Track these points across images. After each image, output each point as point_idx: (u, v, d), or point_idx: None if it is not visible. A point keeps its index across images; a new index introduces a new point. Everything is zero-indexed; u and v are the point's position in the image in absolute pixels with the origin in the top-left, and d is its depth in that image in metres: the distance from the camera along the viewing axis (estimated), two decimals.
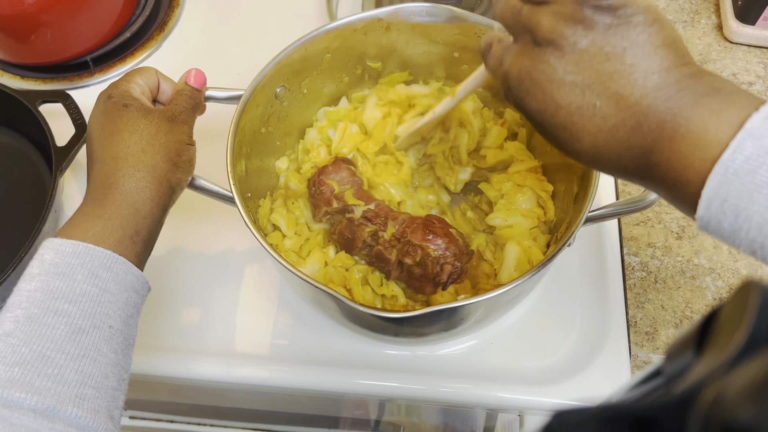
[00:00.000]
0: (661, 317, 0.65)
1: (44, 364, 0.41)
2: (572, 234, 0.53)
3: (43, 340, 0.42)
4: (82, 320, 0.43)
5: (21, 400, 0.39)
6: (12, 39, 0.82)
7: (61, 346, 0.42)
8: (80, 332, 0.43)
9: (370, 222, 0.61)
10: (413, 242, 0.59)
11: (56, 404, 0.40)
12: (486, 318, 0.60)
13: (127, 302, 0.46)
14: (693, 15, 0.87)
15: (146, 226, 0.49)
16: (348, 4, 0.89)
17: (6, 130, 0.79)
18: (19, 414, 0.39)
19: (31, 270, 0.45)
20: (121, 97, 0.53)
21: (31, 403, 0.39)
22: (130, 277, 0.47)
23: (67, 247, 0.45)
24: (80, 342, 0.43)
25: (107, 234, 0.47)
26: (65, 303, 0.43)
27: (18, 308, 0.43)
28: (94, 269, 0.45)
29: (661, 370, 0.25)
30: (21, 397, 0.39)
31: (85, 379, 0.42)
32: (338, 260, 0.63)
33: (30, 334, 0.42)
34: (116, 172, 0.49)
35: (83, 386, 0.42)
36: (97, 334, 0.44)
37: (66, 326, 0.43)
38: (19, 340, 0.41)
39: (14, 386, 0.40)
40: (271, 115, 0.66)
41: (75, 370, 0.42)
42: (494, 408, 0.64)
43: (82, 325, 0.43)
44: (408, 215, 0.62)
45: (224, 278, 0.70)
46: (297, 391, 0.65)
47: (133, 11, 0.89)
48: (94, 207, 0.48)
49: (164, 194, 0.51)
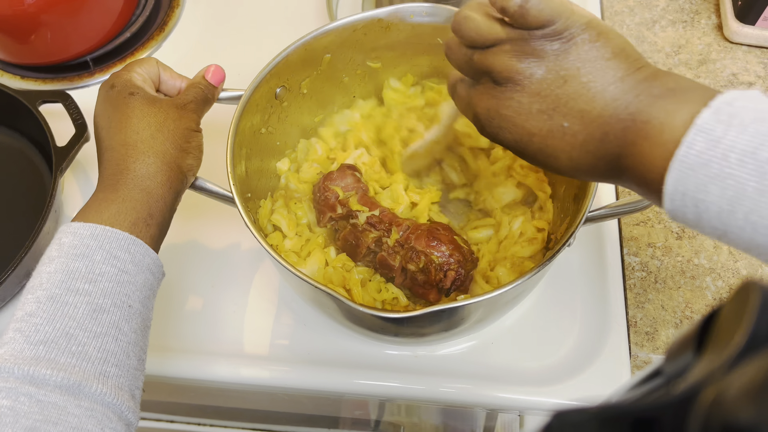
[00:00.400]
0: (661, 317, 0.65)
1: (68, 342, 0.42)
2: (572, 234, 0.53)
3: (65, 318, 0.42)
4: (102, 299, 0.44)
5: (47, 377, 0.40)
6: (12, 39, 0.82)
7: (83, 324, 0.43)
8: (101, 311, 0.44)
9: (374, 228, 0.61)
10: (417, 248, 0.59)
11: (82, 380, 0.41)
12: (486, 318, 0.60)
13: (144, 284, 0.47)
14: (693, 15, 0.87)
15: (159, 209, 0.50)
16: (348, 4, 0.89)
17: (6, 130, 0.79)
18: (46, 391, 0.40)
19: (50, 253, 0.46)
20: (124, 86, 0.53)
21: (57, 379, 0.40)
22: (146, 259, 0.48)
23: (84, 229, 0.46)
24: (101, 320, 0.43)
25: (121, 217, 0.48)
26: (85, 283, 0.44)
27: (39, 289, 0.44)
28: (112, 250, 0.46)
29: (661, 370, 0.25)
30: (47, 373, 0.40)
31: (108, 356, 0.43)
32: (338, 261, 0.63)
33: (52, 313, 0.42)
34: (126, 158, 0.50)
35: (106, 363, 0.42)
36: (117, 313, 0.44)
37: (87, 305, 0.43)
38: (42, 319, 0.42)
39: (40, 363, 0.40)
40: (271, 115, 0.66)
41: (97, 347, 0.42)
42: (494, 408, 0.64)
43: (102, 304, 0.44)
44: (413, 221, 0.62)
45: (224, 278, 0.70)
46: (297, 391, 0.65)
47: (133, 11, 0.89)
48: (107, 192, 0.49)
49: (175, 179, 0.52)
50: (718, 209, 0.35)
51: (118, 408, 0.42)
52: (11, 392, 0.39)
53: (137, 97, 0.52)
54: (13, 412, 0.38)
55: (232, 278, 0.70)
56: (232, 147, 0.58)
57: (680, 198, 0.36)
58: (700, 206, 0.35)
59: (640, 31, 0.86)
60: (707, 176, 0.34)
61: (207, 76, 0.57)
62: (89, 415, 0.40)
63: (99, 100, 0.54)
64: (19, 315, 0.43)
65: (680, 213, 0.37)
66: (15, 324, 0.42)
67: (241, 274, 0.70)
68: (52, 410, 0.39)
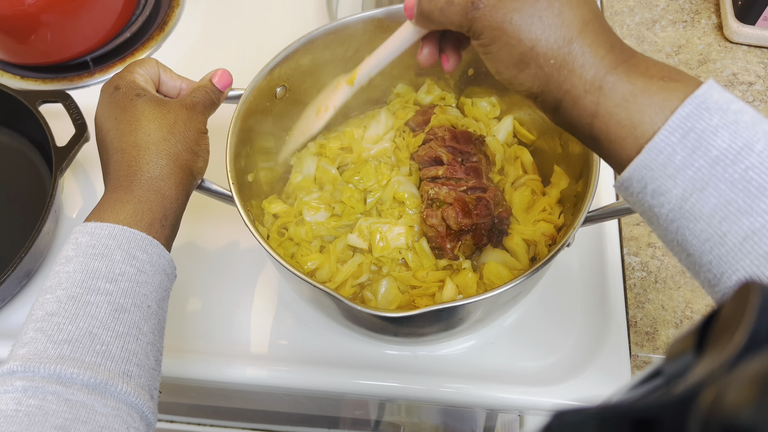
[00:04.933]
0: (661, 317, 0.65)
1: (92, 341, 0.42)
2: (572, 234, 0.53)
3: (88, 318, 0.42)
4: (123, 299, 0.44)
5: (75, 376, 0.40)
6: (12, 39, 0.82)
7: (105, 323, 0.43)
8: (122, 311, 0.44)
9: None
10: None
11: (107, 380, 0.41)
12: (486, 318, 0.60)
13: (160, 285, 0.47)
14: (693, 15, 0.87)
15: (173, 211, 0.50)
16: (348, 4, 0.89)
17: (6, 130, 0.79)
18: (73, 390, 0.40)
19: (66, 253, 0.46)
20: (130, 87, 0.53)
21: (84, 378, 0.40)
22: (162, 260, 0.48)
23: (102, 229, 0.46)
24: (123, 320, 0.43)
25: (138, 217, 0.48)
26: (106, 282, 0.44)
27: (59, 289, 0.43)
28: (131, 250, 0.46)
29: (661, 370, 0.25)
30: (74, 372, 0.40)
31: (130, 356, 0.43)
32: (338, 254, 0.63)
33: (74, 313, 0.42)
34: (139, 160, 0.50)
35: (129, 363, 0.43)
36: (137, 313, 0.44)
37: (108, 305, 0.43)
38: (64, 318, 0.42)
39: (66, 362, 0.40)
40: (272, 115, 0.66)
41: (120, 347, 0.43)
42: (494, 408, 0.64)
43: (123, 304, 0.44)
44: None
45: (224, 278, 0.70)
46: (297, 391, 0.65)
47: (133, 11, 0.89)
48: (122, 193, 0.49)
49: (186, 181, 0.52)
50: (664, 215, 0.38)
51: (140, 408, 0.42)
52: (38, 391, 0.39)
53: (144, 99, 0.52)
54: (42, 411, 0.38)
55: (232, 278, 0.70)
56: (232, 146, 0.58)
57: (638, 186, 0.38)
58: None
59: (640, 31, 0.86)
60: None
61: (214, 79, 0.57)
62: (115, 414, 0.40)
63: (102, 102, 0.53)
64: (38, 315, 0.43)
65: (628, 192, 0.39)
66: (35, 324, 0.42)
67: (242, 274, 0.70)
68: (80, 409, 0.39)
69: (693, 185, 0.36)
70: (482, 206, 0.61)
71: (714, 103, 0.36)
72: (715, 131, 0.36)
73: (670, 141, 0.37)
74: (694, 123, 0.36)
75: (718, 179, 0.36)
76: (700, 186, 0.36)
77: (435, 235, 0.61)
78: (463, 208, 0.60)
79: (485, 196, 0.62)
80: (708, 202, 0.36)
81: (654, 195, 0.38)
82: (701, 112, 0.36)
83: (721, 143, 0.36)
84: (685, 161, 0.36)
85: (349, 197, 0.64)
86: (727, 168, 0.35)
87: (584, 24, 0.39)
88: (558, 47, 0.39)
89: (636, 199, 0.39)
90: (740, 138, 0.35)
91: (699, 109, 0.36)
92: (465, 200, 0.61)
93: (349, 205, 0.64)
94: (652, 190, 0.38)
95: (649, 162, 0.37)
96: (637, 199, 0.39)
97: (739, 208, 0.35)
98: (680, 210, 0.37)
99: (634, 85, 0.38)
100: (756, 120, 0.36)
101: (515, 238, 0.62)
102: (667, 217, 0.38)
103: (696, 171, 0.36)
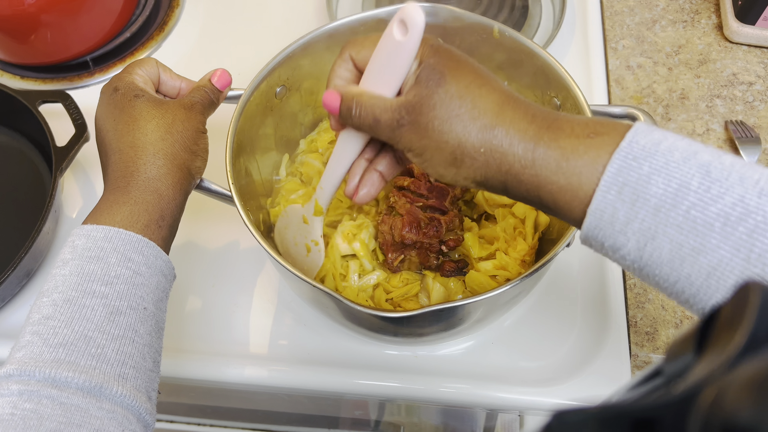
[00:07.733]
0: (661, 317, 0.65)
1: (87, 344, 0.42)
2: (572, 234, 0.53)
3: (83, 321, 0.42)
4: (118, 301, 0.44)
5: (69, 379, 0.40)
6: (12, 39, 0.82)
7: (101, 326, 0.43)
8: (117, 313, 0.44)
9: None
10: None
11: (102, 383, 0.41)
12: (486, 318, 0.60)
13: (157, 286, 0.47)
14: (693, 15, 0.87)
15: (170, 211, 0.50)
16: (348, 4, 0.89)
17: (6, 130, 0.79)
18: (68, 393, 0.40)
19: (63, 256, 0.46)
20: (128, 88, 0.53)
21: (79, 381, 0.40)
22: (159, 261, 0.48)
23: (98, 232, 0.46)
24: (118, 323, 0.43)
25: (134, 219, 0.48)
26: (101, 285, 0.44)
27: (55, 292, 0.44)
28: (127, 252, 0.46)
29: (661, 370, 0.25)
30: (69, 376, 0.40)
31: (126, 359, 0.43)
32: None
33: (70, 316, 0.42)
34: (136, 160, 0.50)
35: (124, 366, 0.43)
36: (133, 316, 0.44)
37: (104, 307, 0.43)
38: (60, 322, 0.42)
39: (60, 366, 0.40)
40: (272, 115, 0.66)
41: (115, 350, 0.43)
42: (494, 408, 0.64)
43: (118, 306, 0.44)
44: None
45: (223, 278, 0.70)
46: (297, 391, 0.64)
47: (133, 11, 0.89)
48: (118, 194, 0.49)
49: (184, 180, 0.52)
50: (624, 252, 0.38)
51: (136, 410, 0.42)
52: (33, 395, 0.39)
53: (143, 100, 0.52)
54: (37, 414, 0.38)
55: (232, 278, 0.70)
56: (231, 146, 0.58)
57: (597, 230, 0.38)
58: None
59: (640, 31, 0.86)
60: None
61: (213, 79, 0.57)
62: (110, 417, 0.41)
63: (102, 103, 0.53)
64: (35, 318, 0.43)
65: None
66: (32, 327, 0.42)
67: (241, 274, 0.70)
68: (75, 412, 0.39)
69: (644, 236, 0.37)
70: (432, 227, 0.61)
71: (641, 151, 0.36)
72: (648, 179, 0.36)
73: (608, 199, 0.37)
74: (626, 177, 0.36)
75: (665, 225, 0.36)
76: (651, 235, 0.36)
77: (383, 241, 0.62)
78: (411, 223, 0.60)
79: (441, 218, 0.62)
80: (663, 249, 0.36)
81: (613, 250, 0.39)
82: (630, 164, 0.36)
83: (656, 190, 0.36)
84: (628, 215, 0.37)
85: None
86: (669, 213, 0.36)
87: (499, 107, 0.41)
88: (483, 136, 0.40)
89: (602, 254, 0.40)
90: (674, 180, 0.36)
91: (627, 160, 0.36)
92: (418, 216, 0.61)
93: (336, 198, 0.65)
94: (609, 247, 0.39)
95: (596, 223, 0.38)
96: (602, 254, 0.40)
97: (693, 248, 0.35)
98: (641, 260, 0.38)
99: (563, 150, 0.39)
100: (687, 154, 0.36)
101: (480, 277, 0.61)
102: (633, 266, 0.39)
103: (641, 222, 0.36)
